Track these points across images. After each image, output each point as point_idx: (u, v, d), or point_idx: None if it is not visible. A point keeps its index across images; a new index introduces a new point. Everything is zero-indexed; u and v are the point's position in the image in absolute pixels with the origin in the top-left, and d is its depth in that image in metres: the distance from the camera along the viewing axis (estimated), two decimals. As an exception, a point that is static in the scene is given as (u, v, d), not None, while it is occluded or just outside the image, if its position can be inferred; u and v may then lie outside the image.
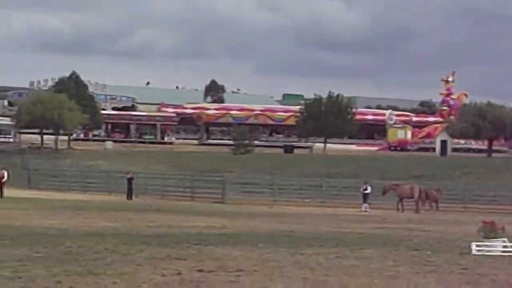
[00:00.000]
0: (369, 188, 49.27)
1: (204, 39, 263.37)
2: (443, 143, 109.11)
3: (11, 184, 53.37)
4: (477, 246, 18.67)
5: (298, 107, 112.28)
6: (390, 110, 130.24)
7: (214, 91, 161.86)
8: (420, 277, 14.52)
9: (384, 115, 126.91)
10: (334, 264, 16.10)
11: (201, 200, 54.98)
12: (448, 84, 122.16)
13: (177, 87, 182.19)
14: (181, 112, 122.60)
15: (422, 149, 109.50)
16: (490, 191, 56.22)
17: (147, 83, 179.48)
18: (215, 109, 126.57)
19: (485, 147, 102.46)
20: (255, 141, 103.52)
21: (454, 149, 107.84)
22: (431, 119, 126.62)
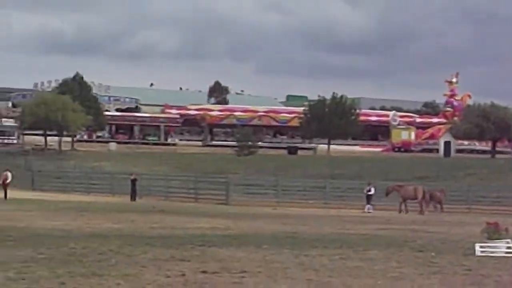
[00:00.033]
0: (372, 189, 49.22)
1: (207, 40, 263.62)
2: (447, 144, 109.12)
3: (14, 185, 53.43)
4: (481, 247, 18.65)
5: (302, 108, 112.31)
6: (393, 111, 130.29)
7: (217, 92, 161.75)
8: (424, 278, 14.51)
9: (387, 116, 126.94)
10: (338, 265, 16.09)
11: (204, 202, 54.93)
12: (452, 85, 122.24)
13: (180, 88, 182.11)
14: (184, 113, 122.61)
15: (425, 150, 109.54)
16: (493, 192, 56.14)
17: (151, 85, 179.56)
18: (218, 110, 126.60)
19: (489, 148, 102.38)
20: (259, 143, 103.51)
21: (458, 150, 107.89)
22: (434, 120, 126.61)
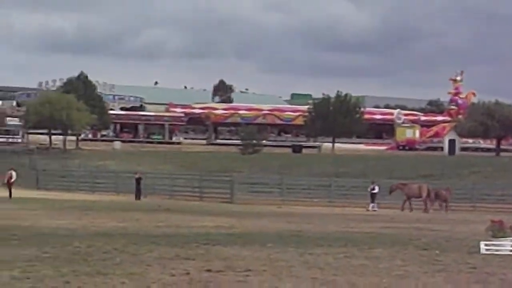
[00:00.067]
0: (376, 188, 49.20)
1: (212, 38, 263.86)
2: (452, 142, 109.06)
3: (19, 184, 53.51)
4: (486, 245, 18.62)
5: (307, 106, 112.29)
6: (398, 110, 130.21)
7: (222, 91, 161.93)
8: (429, 276, 14.50)
9: (392, 114, 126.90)
10: (342, 263, 16.07)
11: (209, 200, 54.96)
12: (456, 83, 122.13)
13: (185, 87, 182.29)
14: (189, 112, 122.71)
15: (430, 148, 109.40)
16: (498, 190, 56.10)
17: (155, 83, 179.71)
18: (223, 109, 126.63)
19: (494, 146, 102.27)
20: (264, 141, 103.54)
21: (463, 148, 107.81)
22: (439, 118, 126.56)
